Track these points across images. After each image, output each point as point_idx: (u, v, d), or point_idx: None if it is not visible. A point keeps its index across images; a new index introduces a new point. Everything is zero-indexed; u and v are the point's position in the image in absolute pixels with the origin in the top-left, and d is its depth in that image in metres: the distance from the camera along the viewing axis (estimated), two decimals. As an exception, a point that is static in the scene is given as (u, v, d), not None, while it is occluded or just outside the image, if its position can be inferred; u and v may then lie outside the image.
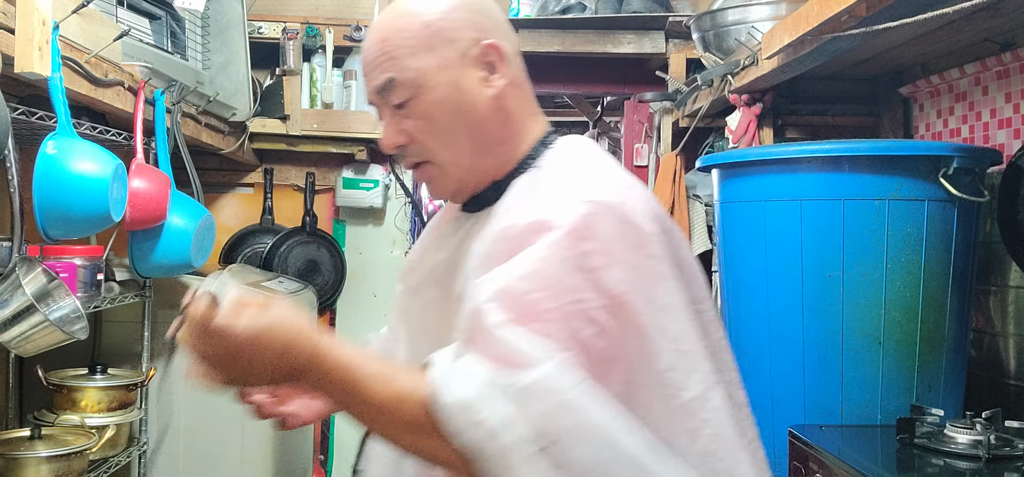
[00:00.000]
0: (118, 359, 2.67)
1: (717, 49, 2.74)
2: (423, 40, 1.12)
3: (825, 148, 2.07)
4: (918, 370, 2.00)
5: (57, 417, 2.31)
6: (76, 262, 2.22)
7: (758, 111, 2.74)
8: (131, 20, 2.43)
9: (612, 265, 1.00)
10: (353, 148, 3.58)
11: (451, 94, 1.12)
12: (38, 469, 2.05)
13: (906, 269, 1.97)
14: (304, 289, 3.37)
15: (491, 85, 1.14)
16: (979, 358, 2.25)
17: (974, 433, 1.74)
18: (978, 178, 2.03)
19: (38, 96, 1.96)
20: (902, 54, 2.47)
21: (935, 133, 2.56)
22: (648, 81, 3.67)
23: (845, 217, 1.98)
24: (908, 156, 1.98)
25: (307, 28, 3.52)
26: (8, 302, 1.90)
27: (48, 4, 1.75)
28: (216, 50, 3.11)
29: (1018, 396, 2.12)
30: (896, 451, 1.81)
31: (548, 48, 3.54)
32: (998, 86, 2.27)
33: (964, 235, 2.02)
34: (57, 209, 1.91)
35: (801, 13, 1.99)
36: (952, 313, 2.02)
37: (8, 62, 1.71)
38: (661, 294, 1.03)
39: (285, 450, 3.06)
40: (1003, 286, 2.20)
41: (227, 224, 3.73)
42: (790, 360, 2.07)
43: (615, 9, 3.55)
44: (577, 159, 1.15)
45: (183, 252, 2.44)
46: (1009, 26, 2.10)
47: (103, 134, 2.23)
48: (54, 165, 1.89)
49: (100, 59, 2.08)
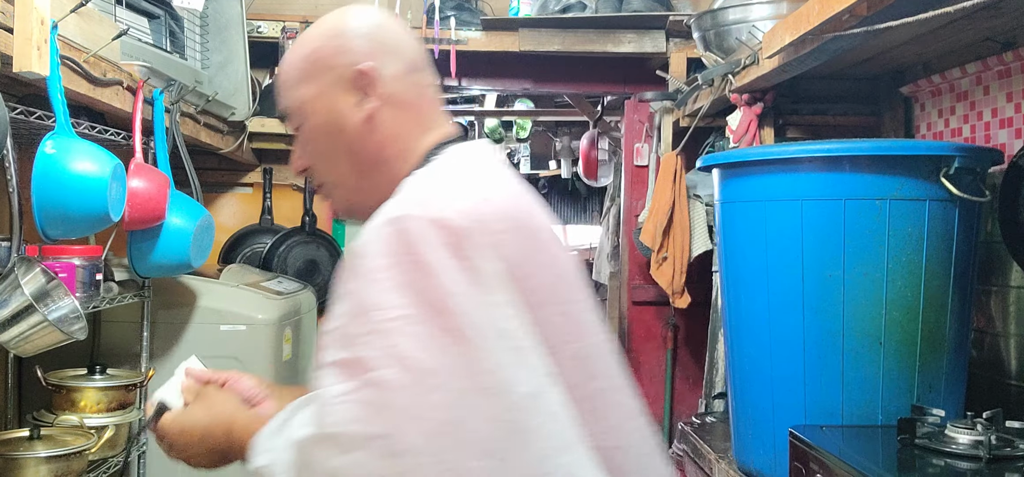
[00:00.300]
0: (117, 359, 2.66)
1: (718, 48, 2.74)
2: (305, 70, 1.21)
3: (826, 148, 2.06)
4: (919, 370, 1.99)
5: (56, 417, 2.30)
6: (75, 262, 2.22)
7: (759, 111, 2.74)
8: (130, 19, 2.43)
9: (409, 277, 1.00)
10: (353, 148, 3.57)
11: (327, 119, 1.19)
12: (37, 469, 2.05)
13: (907, 269, 1.97)
14: (303, 289, 3.37)
15: (362, 109, 1.17)
16: (980, 358, 2.24)
17: (975, 433, 1.74)
18: (979, 178, 2.03)
19: (37, 95, 1.95)
20: (903, 53, 2.47)
21: (936, 133, 2.55)
22: (648, 81, 3.66)
23: (846, 217, 1.98)
24: (909, 156, 1.98)
25: (306, 27, 3.52)
26: (7, 302, 1.90)
27: (46, 3, 1.75)
28: (215, 49, 3.11)
29: (1019, 396, 2.12)
30: (897, 451, 1.81)
31: (548, 48, 3.53)
32: (999, 85, 2.26)
33: (965, 235, 2.01)
34: (56, 209, 1.90)
35: (802, 12, 1.98)
36: (953, 313, 2.02)
37: (6, 61, 1.70)
38: (471, 298, 1.01)
39: (285, 450, 3.06)
40: (1004, 286, 2.19)
41: (226, 224, 3.72)
42: (790, 360, 2.07)
43: (615, 8, 3.54)
44: (431, 171, 1.16)
45: (182, 252, 2.43)
46: (1010, 25, 2.10)
47: (102, 134, 2.23)
48: (53, 165, 1.89)
49: (99, 58, 2.07)
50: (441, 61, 3.61)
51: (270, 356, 2.86)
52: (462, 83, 3.91)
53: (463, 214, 1.05)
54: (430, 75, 1.26)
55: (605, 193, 5.78)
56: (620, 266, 4.19)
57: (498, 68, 3.87)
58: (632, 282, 3.89)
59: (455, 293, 1.00)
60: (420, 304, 0.99)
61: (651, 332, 3.87)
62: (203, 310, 2.81)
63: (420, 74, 1.24)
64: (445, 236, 1.02)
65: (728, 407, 2.43)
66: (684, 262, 3.31)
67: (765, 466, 2.15)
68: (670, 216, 3.30)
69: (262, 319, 2.85)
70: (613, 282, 5.08)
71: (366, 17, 1.23)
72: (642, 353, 3.87)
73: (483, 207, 1.08)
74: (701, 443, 2.62)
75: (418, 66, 1.23)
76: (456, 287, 1.00)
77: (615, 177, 5.29)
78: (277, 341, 2.89)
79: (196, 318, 2.80)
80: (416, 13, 3.60)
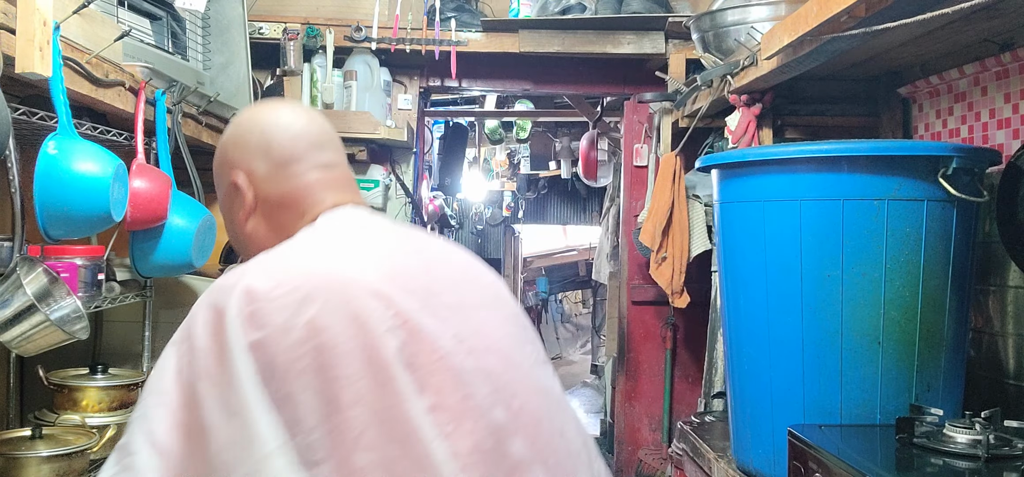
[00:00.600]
0: (119, 359, 2.67)
1: (717, 49, 2.75)
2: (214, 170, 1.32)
3: (824, 148, 2.07)
4: (917, 370, 2.00)
5: (58, 417, 2.31)
6: (77, 262, 2.22)
7: (758, 111, 2.74)
8: (132, 20, 2.44)
9: (188, 361, 1.06)
10: (353, 148, 3.58)
11: (226, 216, 1.31)
12: (39, 469, 2.05)
13: (905, 269, 1.98)
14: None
15: (242, 208, 1.26)
16: (978, 358, 2.25)
17: (973, 433, 1.75)
18: (977, 178, 2.04)
19: (39, 96, 1.96)
20: (901, 54, 2.48)
21: (934, 133, 2.56)
22: (648, 81, 3.67)
23: (844, 217, 1.99)
24: (907, 156, 1.98)
25: (307, 29, 3.53)
26: (9, 302, 1.90)
27: (49, 4, 1.76)
28: (217, 50, 3.11)
29: (1017, 396, 2.13)
30: (895, 451, 1.81)
31: (548, 48, 3.54)
32: (997, 86, 2.27)
33: (963, 235, 2.02)
34: (58, 209, 1.91)
35: (800, 13, 1.99)
36: (951, 313, 2.02)
37: (9, 62, 1.71)
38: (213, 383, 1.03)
39: (285, 450, 3.06)
40: (1002, 286, 2.20)
41: (227, 224, 3.73)
42: (789, 360, 2.07)
43: (615, 9, 3.55)
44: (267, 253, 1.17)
45: (184, 252, 2.44)
46: (1008, 27, 2.11)
47: (104, 134, 2.24)
48: (55, 165, 1.89)
49: (101, 59, 2.08)
50: (441, 62, 3.62)
51: (271, 356, 2.86)
52: (462, 84, 3.92)
53: (249, 294, 1.04)
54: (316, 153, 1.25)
55: (605, 193, 5.79)
56: (620, 266, 4.20)
57: (498, 69, 3.88)
58: (631, 282, 3.90)
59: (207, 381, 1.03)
60: (181, 389, 1.05)
61: (650, 332, 3.88)
62: (204, 310, 2.81)
63: (297, 164, 1.24)
64: (214, 318, 1.05)
65: (727, 406, 2.44)
66: (683, 262, 3.31)
67: (764, 465, 2.16)
68: (669, 216, 3.31)
69: (263, 319, 2.85)
70: (613, 282, 5.09)
71: (243, 119, 1.29)
72: (642, 353, 3.88)
73: (275, 288, 1.05)
74: (700, 442, 2.62)
75: (295, 155, 1.24)
76: (209, 376, 1.04)
77: (615, 177, 5.30)
78: (278, 341, 2.90)
79: (197, 318, 2.80)
80: (416, 14, 3.61)
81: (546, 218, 9.00)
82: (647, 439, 3.89)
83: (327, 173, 1.26)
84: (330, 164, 1.27)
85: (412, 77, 3.87)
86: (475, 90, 4.17)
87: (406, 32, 3.56)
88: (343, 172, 1.29)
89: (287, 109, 1.30)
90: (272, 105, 1.33)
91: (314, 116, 1.30)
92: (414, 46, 3.55)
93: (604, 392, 5.67)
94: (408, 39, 3.55)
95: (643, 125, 3.86)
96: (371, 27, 3.55)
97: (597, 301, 9.25)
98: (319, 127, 1.28)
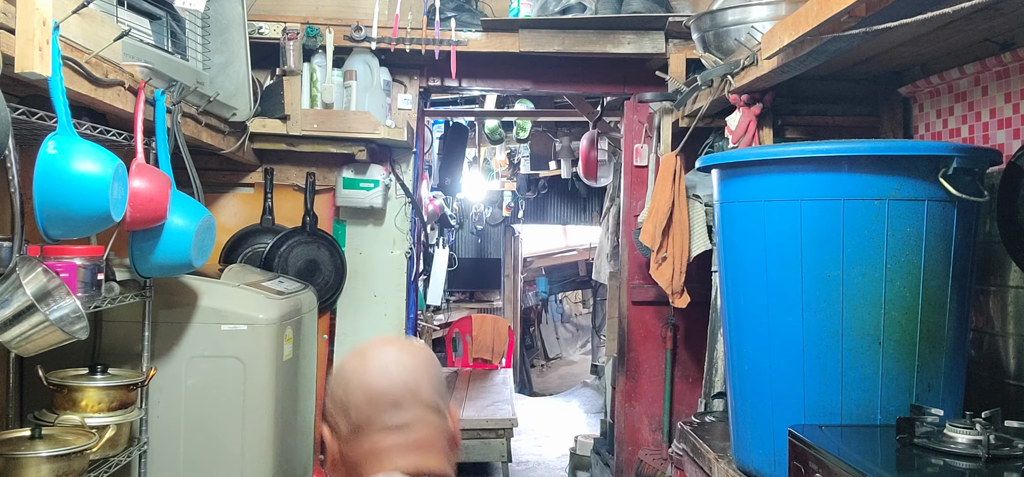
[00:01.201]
0: (118, 359, 2.67)
1: (717, 49, 2.75)
2: None
3: (825, 148, 2.07)
4: (918, 370, 2.00)
5: (57, 417, 2.31)
6: (76, 262, 2.22)
7: (758, 111, 2.74)
8: (131, 20, 2.43)
9: None
10: (353, 148, 3.58)
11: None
12: (38, 469, 2.05)
13: (906, 269, 1.97)
14: (304, 289, 3.38)
15: (327, 460, 1.32)
16: (979, 358, 2.25)
17: (974, 433, 1.75)
18: (978, 178, 2.03)
19: (38, 96, 1.96)
20: (902, 54, 2.48)
21: (935, 133, 2.56)
22: (648, 81, 3.67)
23: (845, 217, 1.99)
24: (908, 156, 1.98)
25: (307, 28, 3.53)
26: (8, 302, 1.90)
27: (48, 4, 1.75)
28: (216, 50, 3.11)
29: (1018, 396, 2.12)
30: (896, 451, 1.81)
31: (548, 48, 3.54)
32: (998, 86, 2.27)
33: (964, 235, 2.02)
34: (57, 209, 1.91)
35: (801, 13, 1.99)
36: (952, 313, 2.02)
37: (8, 62, 1.71)
38: None
39: (285, 450, 3.06)
40: (1003, 286, 2.20)
41: (227, 224, 3.73)
42: (790, 360, 2.07)
43: (615, 9, 3.55)
44: None
45: (183, 252, 2.44)
46: (1008, 26, 2.11)
47: (103, 134, 2.24)
48: (54, 165, 1.89)
49: (100, 59, 2.08)
50: (441, 62, 3.62)
51: (271, 356, 2.86)
52: (462, 84, 3.92)
53: None
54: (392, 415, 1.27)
55: (605, 193, 5.79)
56: (620, 266, 4.20)
57: (498, 69, 3.88)
58: (632, 282, 3.90)
59: None
60: None
61: (651, 332, 3.88)
62: (204, 310, 2.82)
63: (370, 431, 1.27)
64: None
65: (727, 406, 2.43)
66: (683, 262, 3.31)
67: (764, 465, 2.16)
68: (669, 216, 3.30)
69: (263, 319, 2.86)
70: (613, 282, 5.09)
71: (339, 368, 1.33)
72: (642, 353, 3.88)
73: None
74: (701, 442, 2.62)
75: (370, 420, 1.27)
76: None
77: (615, 177, 5.30)
78: (278, 341, 2.90)
79: (197, 318, 2.81)
80: (416, 14, 3.61)
81: (546, 218, 9.01)
82: (647, 439, 3.89)
83: (401, 437, 1.27)
84: (405, 425, 1.27)
85: (412, 77, 3.87)
86: (475, 90, 4.17)
87: (406, 32, 3.56)
88: (420, 433, 1.28)
89: (376, 358, 1.30)
90: (365, 352, 1.32)
91: (404, 362, 1.30)
92: (414, 46, 3.55)
93: (604, 392, 5.67)
94: (408, 39, 3.55)
95: (643, 125, 3.86)
96: (371, 27, 3.55)
97: (597, 301, 9.26)
98: (403, 382, 1.27)
